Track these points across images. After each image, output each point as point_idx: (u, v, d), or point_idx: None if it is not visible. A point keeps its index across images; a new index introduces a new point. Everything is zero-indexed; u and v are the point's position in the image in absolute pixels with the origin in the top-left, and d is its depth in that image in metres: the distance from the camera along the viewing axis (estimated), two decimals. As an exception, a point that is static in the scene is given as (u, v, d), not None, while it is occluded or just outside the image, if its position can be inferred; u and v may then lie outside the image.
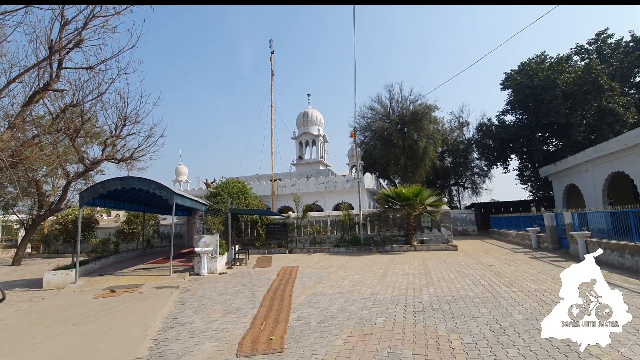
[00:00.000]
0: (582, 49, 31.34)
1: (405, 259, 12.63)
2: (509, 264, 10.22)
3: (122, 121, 16.36)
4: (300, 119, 36.35)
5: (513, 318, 5.07)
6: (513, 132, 28.79)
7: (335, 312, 5.83)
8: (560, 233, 13.41)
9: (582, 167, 19.64)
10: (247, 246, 17.27)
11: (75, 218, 17.99)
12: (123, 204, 14.03)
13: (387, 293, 7.05)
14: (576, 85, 24.63)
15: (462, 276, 8.59)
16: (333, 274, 9.94)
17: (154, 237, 21.08)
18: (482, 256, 12.54)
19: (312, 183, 24.05)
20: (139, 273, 11.41)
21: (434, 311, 5.62)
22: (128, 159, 17.25)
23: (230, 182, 18.73)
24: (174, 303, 7.19)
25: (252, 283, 9.03)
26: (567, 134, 25.71)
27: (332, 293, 7.31)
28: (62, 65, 10.72)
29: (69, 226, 18.04)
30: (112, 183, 10.27)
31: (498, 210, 32.79)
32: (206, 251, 10.94)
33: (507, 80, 31.49)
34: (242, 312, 6.19)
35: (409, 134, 25.91)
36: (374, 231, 17.57)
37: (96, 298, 8.19)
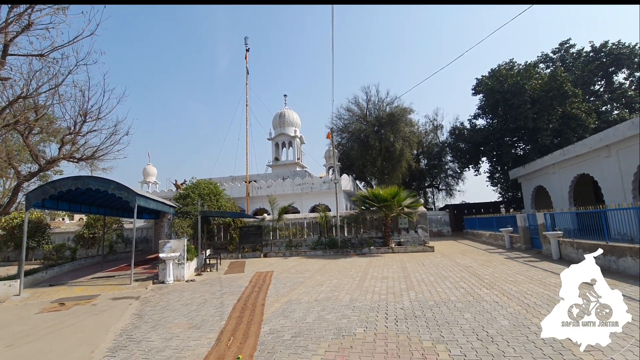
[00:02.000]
0: (547, 57, 32.92)
1: (383, 261, 12.36)
2: (485, 265, 10.16)
3: (83, 117, 15.04)
4: (277, 120, 35.65)
5: (499, 324, 4.80)
6: (484, 136, 29.60)
7: (312, 322, 5.34)
8: (533, 233, 13.65)
9: (550, 169, 20.36)
10: (220, 250, 16.41)
11: (22, 222, 16.40)
12: (80, 206, 12.82)
13: (367, 299, 6.65)
14: (543, 91, 25.67)
15: (441, 279, 8.36)
16: (309, 278, 9.45)
17: (117, 242, 19.67)
18: (458, 257, 12.49)
19: (289, 184, 23.46)
20: (95, 282, 10.37)
21: (417, 318, 5.26)
22: (89, 158, 15.97)
23: (202, 183, 17.78)
24: (131, 317, 6.43)
25: (222, 291, 8.36)
26: (534, 137, 26.74)
27: (308, 300, 6.81)
28: (7, 52, 9.56)
29: (14, 231, 16.34)
30: (64, 183, 9.24)
31: (470, 211, 33.59)
32: (172, 257, 10.12)
33: (479, 85, 32.45)
34: (208, 325, 5.56)
35: (386, 136, 25.93)
36: (351, 233, 17.25)
37: (41, 312, 7.23)
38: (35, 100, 13.46)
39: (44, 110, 14.40)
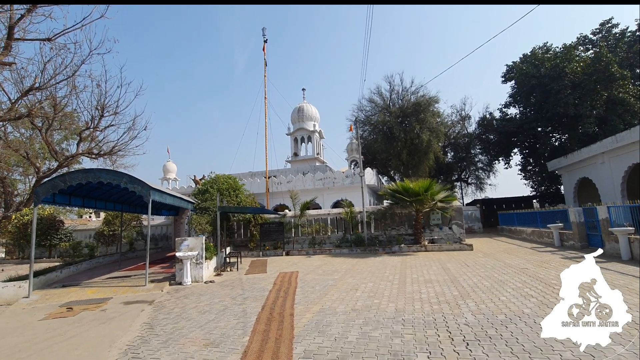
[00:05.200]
0: (586, 39, 30.21)
1: (418, 261, 11.15)
2: (544, 267, 8.78)
3: (100, 111, 14.60)
4: (295, 115, 34.74)
5: (611, 350, 3.58)
6: (517, 125, 27.56)
7: (356, 342, 4.27)
8: (588, 229, 12.07)
9: (598, 159, 18.42)
10: (239, 248, 15.62)
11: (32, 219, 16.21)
12: (95, 202, 12.25)
13: (416, 310, 5.53)
14: (585, 74, 23.42)
15: (498, 284, 7.10)
16: (340, 281, 8.40)
17: (137, 240, 19.29)
18: (504, 257, 11.11)
19: (309, 179, 22.47)
20: (110, 283, 9.70)
21: (492, 339, 4.10)
22: (108, 154, 15.53)
23: (221, 177, 17.03)
24: (142, 327, 5.57)
25: (244, 295, 7.43)
26: (574, 126, 24.55)
27: (344, 310, 5.75)
28: (12, 35, 8.95)
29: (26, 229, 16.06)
30: (74, 176, 8.55)
31: (500, 206, 31.61)
32: (189, 256, 9.30)
33: (510, 72, 30.29)
34: (229, 341, 4.60)
35: (411, 127, 24.38)
36: (378, 230, 16.06)
37: (46, 319, 6.52)
38: (52, 92, 13.04)
39: (61, 104, 14.04)
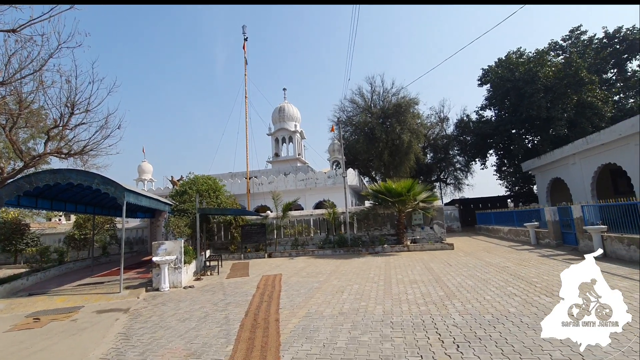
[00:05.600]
0: (556, 45, 31.67)
1: (402, 261, 11.18)
2: (524, 265, 8.99)
3: (70, 108, 13.80)
4: (276, 115, 34.36)
5: (598, 349, 3.63)
6: (493, 127, 28.42)
7: (345, 347, 4.14)
8: (563, 228, 12.53)
9: (569, 159, 19.23)
10: (220, 251, 15.18)
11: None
12: (64, 204, 11.54)
13: (404, 311, 5.47)
14: (557, 78, 24.46)
15: (481, 283, 7.19)
16: (325, 283, 8.27)
17: (111, 244, 18.40)
18: (484, 255, 11.34)
19: (291, 180, 22.23)
20: (81, 290, 9.13)
21: (482, 341, 4.07)
22: (79, 153, 14.68)
23: (200, 178, 16.52)
24: (116, 337, 5.21)
25: (226, 301, 7.15)
26: (546, 128, 25.56)
27: (331, 314, 5.62)
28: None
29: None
30: (41, 177, 7.97)
31: (476, 206, 32.59)
32: (167, 260, 8.89)
33: (486, 75, 31.19)
34: (212, 351, 4.35)
35: (392, 128, 24.65)
36: (361, 230, 16.05)
37: (11, 330, 6.02)
38: (17, 87, 12.20)
39: (27, 100, 13.15)
